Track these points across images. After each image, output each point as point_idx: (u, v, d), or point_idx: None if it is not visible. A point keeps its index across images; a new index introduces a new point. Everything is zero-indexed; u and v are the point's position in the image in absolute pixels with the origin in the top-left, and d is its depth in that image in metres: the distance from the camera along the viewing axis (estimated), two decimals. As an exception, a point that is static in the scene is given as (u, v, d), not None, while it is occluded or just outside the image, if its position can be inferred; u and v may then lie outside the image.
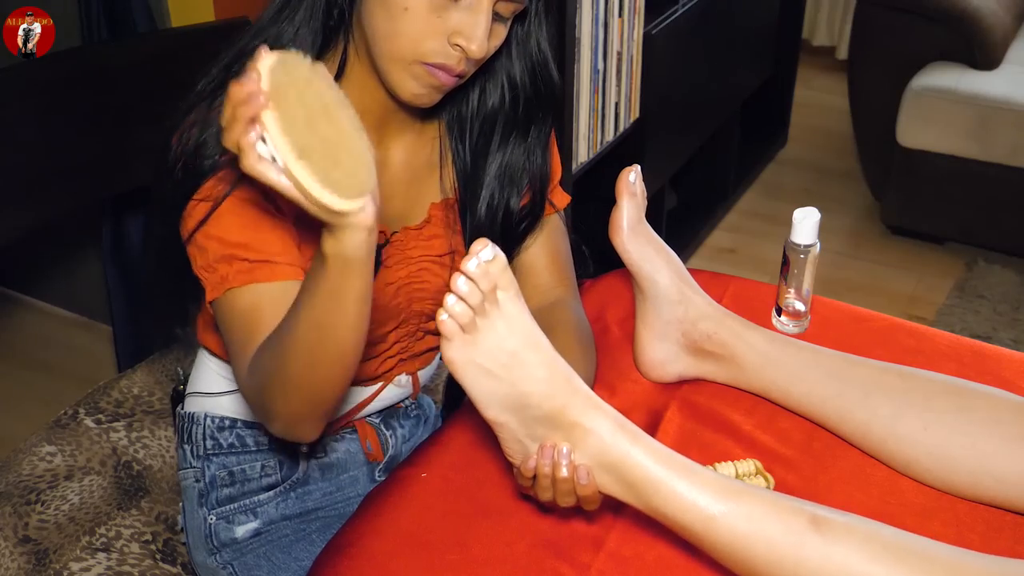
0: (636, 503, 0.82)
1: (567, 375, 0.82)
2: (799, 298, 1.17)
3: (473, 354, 0.79)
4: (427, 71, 0.93)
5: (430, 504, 0.96)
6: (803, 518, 0.78)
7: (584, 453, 0.82)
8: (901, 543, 0.77)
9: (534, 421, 0.82)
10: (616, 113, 2.06)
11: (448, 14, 0.90)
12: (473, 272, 0.78)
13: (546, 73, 1.05)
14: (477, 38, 0.90)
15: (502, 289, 0.79)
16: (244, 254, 0.93)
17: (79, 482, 1.23)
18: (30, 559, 1.14)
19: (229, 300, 0.93)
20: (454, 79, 0.94)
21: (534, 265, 1.13)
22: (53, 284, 2.39)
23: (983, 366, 1.12)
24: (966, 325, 2.41)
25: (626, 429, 0.82)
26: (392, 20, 0.91)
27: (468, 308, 0.78)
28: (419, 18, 0.90)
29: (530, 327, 0.81)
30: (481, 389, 0.80)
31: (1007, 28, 2.69)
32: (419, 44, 0.91)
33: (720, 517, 0.79)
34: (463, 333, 0.78)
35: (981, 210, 2.61)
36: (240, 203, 0.93)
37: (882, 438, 0.97)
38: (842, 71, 3.42)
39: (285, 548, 1.13)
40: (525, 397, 0.80)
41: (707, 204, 2.87)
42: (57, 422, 1.31)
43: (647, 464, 0.80)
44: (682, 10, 2.23)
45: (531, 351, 0.81)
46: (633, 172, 1.02)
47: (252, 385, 0.91)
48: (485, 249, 0.79)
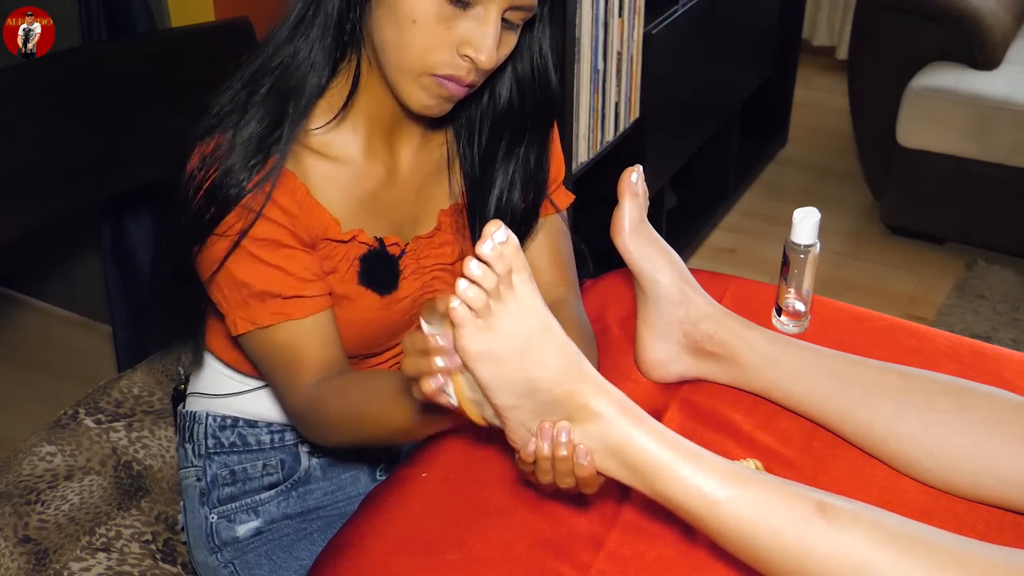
0: (640, 487, 0.81)
1: (578, 360, 0.81)
2: (799, 298, 1.17)
3: (488, 341, 0.76)
4: (436, 82, 0.93)
5: (430, 504, 0.96)
6: (809, 504, 0.77)
7: (588, 435, 0.81)
8: (907, 531, 0.77)
9: (542, 406, 0.81)
10: (616, 113, 2.06)
11: (456, 24, 0.90)
12: (488, 255, 0.75)
13: (545, 78, 1.05)
14: (486, 48, 0.90)
15: (516, 272, 0.77)
16: (276, 291, 0.96)
17: (79, 482, 1.23)
18: (30, 559, 1.14)
19: (263, 337, 0.98)
20: (464, 89, 0.94)
21: (536, 264, 1.13)
22: (53, 284, 2.39)
23: (983, 366, 1.12)
24: (966, 325, 2.41)
25: (631, 412, 0.81)
26: (400, 32, 0.91)
27: (482, 292, 0.75)
28: (427, 29, 0.90)
29: (543, 310, 0.79)
30: (493, 376, 0.78)
31: (1007, 28, 2.69)
32: (428, 55, 0.91)
33: (725, 502, 0.78)
34: (476, 319, 0.75)
35: (981, 210, 2.61)
36: (263, 243, 0.95)
37: (883, 438, 0.97)
38: (842, 71, 3.42)
39: (286, 547, 1.13)
40: (535, 382, 0.79)
41: (707, 204, 2.87)
42: (57, 422, 1.31)
43: (651, 447, 0.79)
44: (682, 10, 2.23)
45: (544, 335, 0.79)
46: (635, 172, 1.02)
47: (309, 414, 0.98)
48: (499, 231, 0.76)
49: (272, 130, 0.95)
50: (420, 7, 0.89)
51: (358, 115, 1.01)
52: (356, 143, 1.02)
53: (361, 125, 1.02)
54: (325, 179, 1.00)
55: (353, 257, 1.03)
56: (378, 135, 1.03)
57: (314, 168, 0.99)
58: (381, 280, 1.04)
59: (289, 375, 0.98)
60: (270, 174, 0.94)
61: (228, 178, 0.93)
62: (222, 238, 0.94)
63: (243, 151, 0.94)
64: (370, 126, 1.02)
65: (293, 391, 0.98)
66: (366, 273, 1.03)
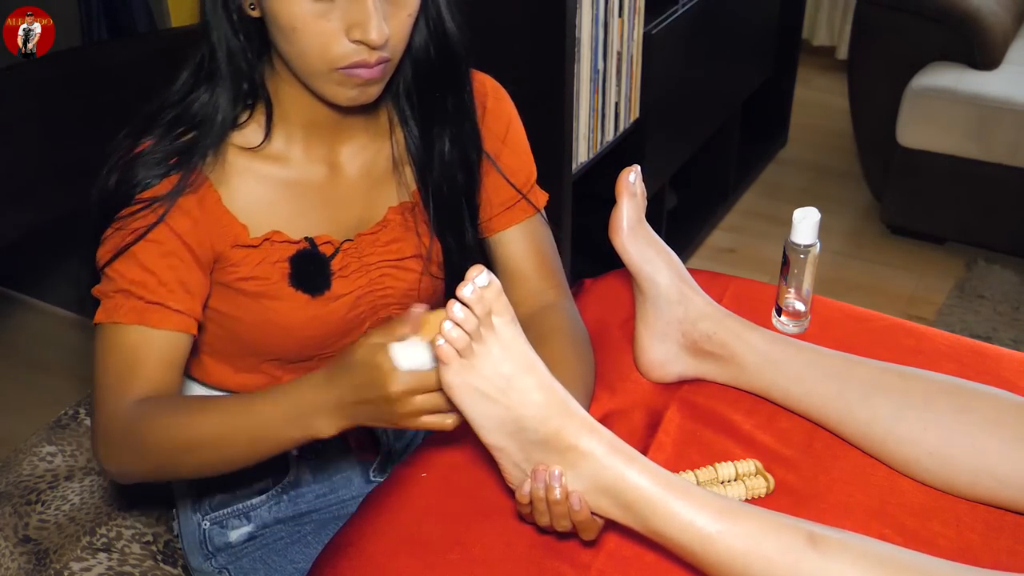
0: (634, 524, 0.83)
1: (563, 398, 0.83)
2: (799, 298, 1.17)
3: (470, 378, 0.80)
4: (346, 75, 0.91)
5: (430, 504, 0.96)
6: (800, 536, 0.79)
7: (580, 476, 0.82)
8: (897, 558, 0.78)
9: (531, 445, 0.83)
10: (616, 113, 2.06)
11: (334, 15, 0.89)
12: (468, 298, 0.78)
13: (440, 25, 1.00)
14: (372, 27, 0.88)
15: (497, 314, 0.80)
16: (140, 292, 0.94)
17: (79, 482, 1.23)
18: (30, 559, 1.14)
19: (113, 333, 0.95)
20: (377, 71, 0.92)
21: (522, 270, 1.12)
22: (53, 284, 2.39)
23: (983, 366, 1.11)
24: (966, 325, 2.41)
25: (621, 451, 0.83)
26: (291, 43, 0.91)
27: (464, 334, 0.79)
28: (310, 31, 0.89)
29: (525, 351, 0.82)
30: (479, 413, 0.81)
31: (1007, 28, 2.69)
32: (325, 54, 0.90)
33: (718, 536, 0.79)
34: (460, 358, 0.79)
35: (981, 210, 2.61)
36: (149, 244, 0.94)
37: (882, 438, 0.97)
38: (842, 71, 3.42)
39: (280, 551, 1.13)
40: (521, 420, 0.81)
41: (707, 204, 2.87)
42: (57, 422, 1.31)
43: (643, 484, 0.81)
44: (682, 10, 2.23)
45: (527, 375, 0.81)
46: (633, 172, 1.01)
47: (122, 429, 0.93)
48: (480, 275, 0.79)
49: (183, 155, 0.95)
50: (294, 12, 0.88)
51: (292, 125, 1.00)
52: (294, 149, 1.01)
53: (297, 132, 1.01)
54: (252, 184, 0.99)
55: (277, 259, 1.01)
56: (317, 139, 1.02)
57: (239, 174, 0.99)
58: (311, 281, 1.03)
59: (119, 383, 0.94)
60: (169, 196, 0.94)
61: (132, 176, 0.95)
62: (119, 231, 0.95)
63: (152, 163, 0.95)
64: (307, 131, 1.01)
65: (113, 402, 0.94)
66: (295, 275, 1.02)
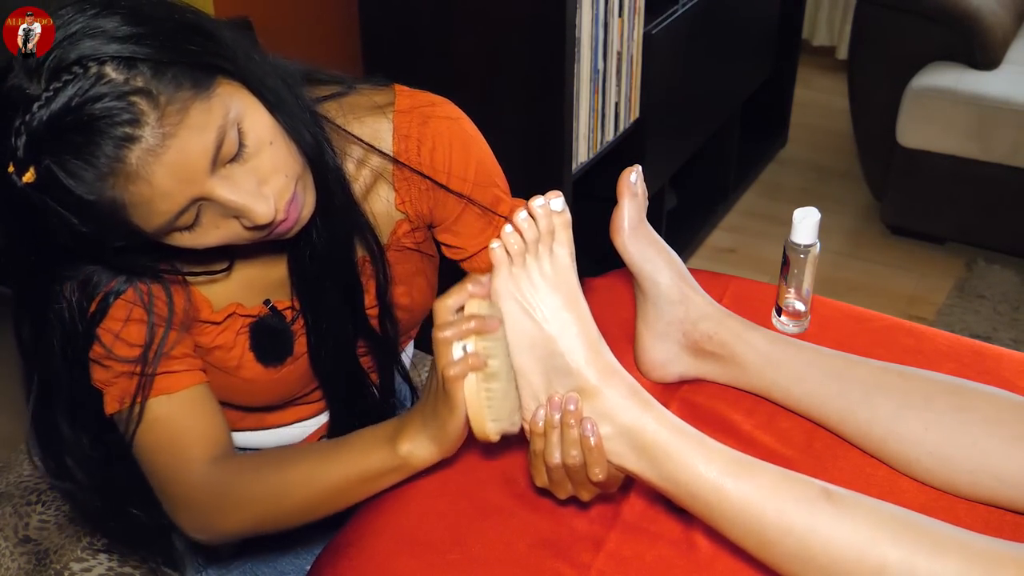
0: (648, 471, 0.82)
1: (596, 339, 0.84)
2: (799, 298, 1.17)
3: (517, 288, 0.82)
4: (264, 235, 0.84)
5: (430, 504, 0.96)
6: (814, 489, 0.79)
7: (597, 413, 0.82)
8: (909, 517, 0.78)
9: (556, 373, 0.83)
10: (616, 113, 2.06)
11: (213, 218, 0.79)
12: (536, 210, 0.81)
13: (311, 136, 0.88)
14: (254, 214, 0.79)
15: (559, 244, 0.82)
16: (141, 368, 0.90)
17: (79, 482, 1.23)
18: (30, 559, 1.14)
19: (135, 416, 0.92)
20: (290, 223, 0.84)
21: None
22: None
23: (983, 366, 1.11)
24: (966, 325, 2.41)
25: (640, 397, 0.83)
26: (206, 263, 0.89)
27: (521, 241, 0.81)
28: (208, 239, 0.81)
29: (575, 285, 0.84)
30: (517, 326, 0.82)
31: (1007, 28, 2.69)
32: (237, 242, 0.83)
33: (732, 485, 0.79)
34: (511, 264, 0.81)
35: (981, 210, 2.61)
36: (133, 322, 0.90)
37: (882, 438, 0.97)
38: (842, 71, 3.42)
39: (271, 562, 1.13)
40: (553, 344, 0.82)
41: (707, 204, 2.88)
42: (57, 422, 1.31)
43: (660, 431, 0.81)
44: (682, 10, 2.23)
45: (570, 305, 0.83)
46: (634, 172, 1.01)
47: (209, 494, 0.90)
48: (557, 199, 0.82)
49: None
50: (184, 241, 0.81)
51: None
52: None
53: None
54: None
55: (238, 328, 0.98)
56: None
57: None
58: (273, 352, 1.00)
59: (175, 457, 0.90)
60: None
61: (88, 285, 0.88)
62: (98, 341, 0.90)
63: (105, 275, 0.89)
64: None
65: (183, 474, 0.90)
66: (256, 348, 0.99)
